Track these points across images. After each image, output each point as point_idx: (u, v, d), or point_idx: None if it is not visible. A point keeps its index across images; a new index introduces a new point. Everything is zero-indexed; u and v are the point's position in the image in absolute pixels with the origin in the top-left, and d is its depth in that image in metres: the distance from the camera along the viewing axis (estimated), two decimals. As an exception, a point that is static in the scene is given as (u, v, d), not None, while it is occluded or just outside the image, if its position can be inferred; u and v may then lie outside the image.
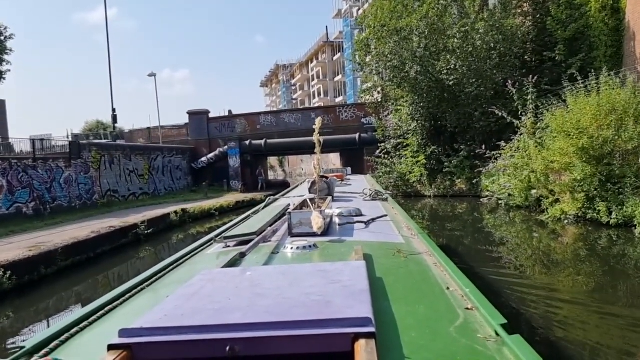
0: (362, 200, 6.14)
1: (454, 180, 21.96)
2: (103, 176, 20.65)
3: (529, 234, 13.59)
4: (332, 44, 66.93)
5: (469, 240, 13.33)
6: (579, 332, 6.10)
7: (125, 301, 2.38)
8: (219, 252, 3.50)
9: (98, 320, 2.11)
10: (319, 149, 4.03)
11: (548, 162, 13.84)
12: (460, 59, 19.70)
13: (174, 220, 17.54)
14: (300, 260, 2.91)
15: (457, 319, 1.90)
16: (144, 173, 24.52)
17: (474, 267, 9.07)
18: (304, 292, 1.84)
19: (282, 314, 1.60)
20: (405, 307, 2.01)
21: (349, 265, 2.30)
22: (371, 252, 2.96)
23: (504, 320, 1.78)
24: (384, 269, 2.60)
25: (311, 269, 2.25)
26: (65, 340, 1.87)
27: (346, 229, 3.93)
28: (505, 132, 19.87)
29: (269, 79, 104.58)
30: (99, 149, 20.66)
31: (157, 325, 1.58)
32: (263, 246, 3.30)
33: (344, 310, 1.60)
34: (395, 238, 3.68)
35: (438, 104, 22.06)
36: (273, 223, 4.11)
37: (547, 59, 19.78)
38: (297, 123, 30.42)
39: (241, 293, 1.90)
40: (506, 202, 16.92)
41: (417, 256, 3.04)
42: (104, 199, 20.42)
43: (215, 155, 29.92)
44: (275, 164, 69.76)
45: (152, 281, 2.77)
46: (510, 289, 7.63)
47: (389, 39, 21.21)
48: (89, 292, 10.41)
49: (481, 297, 2.07)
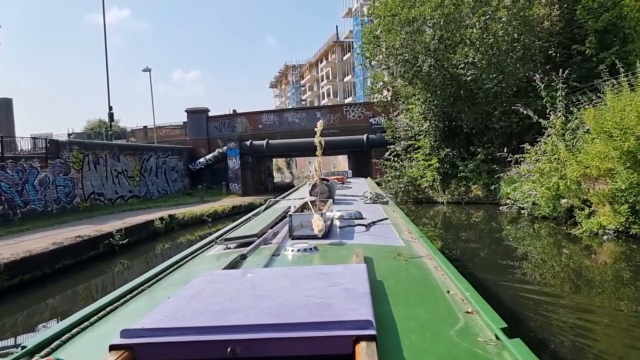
0: (362, 203, 6.11)
1: (470, 186, 20.33)
2: (86, 177, 18.91)
3: (557, 249, 11.95)
4: (342, 44, 66.30)
5: (485, 252, 12.06)
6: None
7: (127, 302, 2.37)
8: (220, 254, 3.50)
9: (99, 321, 2.11)
10: (320, 152, 4.06)
11: (584, 168, 11.91)
12: (480, 51, 17.75)
13: (158, 228, 15.81)
14: (301, 262, 2.93)
15: (458, 322, 1.91)
16: (135, 174, 22.77)
17: (491, 279, 8.40)
18: (305, 294, 1.85)
19: (283, 316, 1.61)
20: (405, 310, 2.03)
21: (350, 268, 2.33)
22: (371, 255, 2.97)
23: (504, 324, 1.79)
24: (384, 272, 2.63)
25: (312, 272, 2.25)
26: (66, 340, 1.88)
27: (347, 231, 3.94)
28: (527, 134, 18.18)
29: (278, 80, 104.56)
30: (82, 148, 18.90)
31: (158, 326, 1.58)
32: (264, 248, 3.31)
33: (345, 313, 1.62)
34: (395, 241, 3.69)
35: (453, 102, 20.16)
36: (274, 225, 4.10)
37: (575, 53, 17.85)
38: (302, 122, 28.75)
39: (242, 294, 1.91)
40: (530, 211, 15.08)
41: (418, 259, 3.05)
42: (87, 203, 18.73)
43: (214, 156, 28.22)
44: (282, 166, 68.47)
45: (153, 282, 2.75)
46: (534, 308, 6.89)
47: (399, 31, 19.28)
48: (29, 320, 8.63)
49: (481, 300, 2.07)
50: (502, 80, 18.03)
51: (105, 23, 28.10)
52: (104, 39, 26.39)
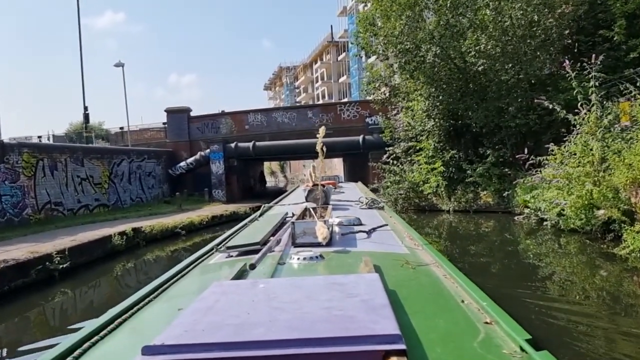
0: (358, 209, 6.04)
1: (478, 192, 18.26)
2: (40, 185, 16.37)
3: (590, 269, 10.02)
4: (337, 44, 65.35)
5: (497, 268, 10.65)
6: None
7: (133, 315, 2.30)
8: (222, 262, 3.46)
9: (109, 334, 2.06)
10: (322, 157, 4.29)
11: (637, 173, 9.62)
12: (493, 37, 15.42)
13: (118, 245, 13.35)
14: (308, 271, 2.92)
15: (479, 333, 1.88)
16: (102, 181, 20.23)
17: (507, 294, 7.48)
18: (322, 306, 1.81)
19: (305, 330, 1.57)
20: (424, 321, 1.98)
21: (364, 277, 2.27)
22: (379, 263, 2.89)
23: (528, 336, 1.75)
24: (395, 281, 2.56)
25: (324, 282, 2.21)
26: (78, 356, 1.84)
27: (348, 238, 3.89)
28: (545, 133, 16.04)
29: (272, 82, 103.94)
30: (35, 151, 16.32)
31: (179, 341, 1.54)
32: (268, 256, 3.23)
33: (370, 326, 1.58)
34: (399, 248, 3.66)
35: (460, 97, 17.85)
36: (275, 232, 4.08)
37: (600, 40, 15.62)
38: (292, 123, 26.49)
39: (259, 307, 1.86)
40: (554, 223, 12.83)
41: (425, 267, 3.01)
42: (40, 214, 16.24)
43: (196, 160, 25.79)
44: (276, 169, 66.58)
45: (158, 293, 2.66)
46: (563, 327, 6.33)
47: (399, 15, 16.95)
48: None
49: (500, 311, 2.03)
50: (520, 71, 15.71)
51: (79, 23, 26.12)
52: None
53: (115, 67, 25.65)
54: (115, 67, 25.65)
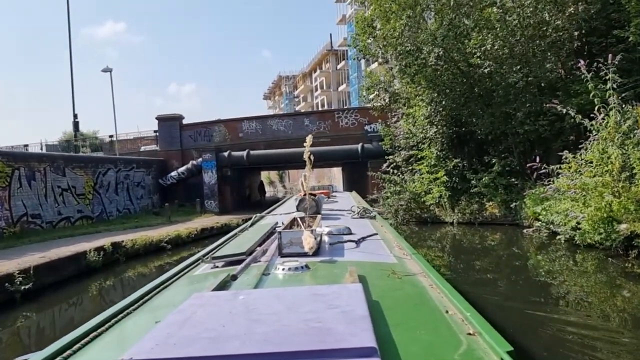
0: (350, 218, 6.00)
1: (484, 204, 17.35)
2: (16, 196, 15.26)
3: (610, 290, 9.09)
4: (336, 52, 64.94)
5: (504, 285, 9.91)
6: None
7: (111, 327, 2.23)
8: (207, 273, 3.40)
9: (82, 349, 1.98)
10: (310, 166, 4.20)
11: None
12: (499, 37, 14.43)
13: (93, 262, 12.24)
14: (292, 281, 2.87)
15: (461, 345, 1.86)
16: (86, 191, 19.15)
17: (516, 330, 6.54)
18: (302, 318, 1.80)
19: (281, 343, 1.55)
20: (406, 332, 1.96)
21: (346, 288, 2.25)
22: (365, 273, 2.89)
23: (510, 347, 1.73)
24: (379, 292, 2.54)
25: (306, 292, 2.18)
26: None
27: (336, 248, 3.87)
28: (555, 140, 15.09)
29: (271, 91, 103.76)
30: (10, 160, 15.24)
31: (149, 356, 1.51)
32: (253, 267, 3.21)
33: (347, 339, 1.57)
34: (387, 258, 3.64)
35: (464, 102, 16.89)
36: (262, 242, 4.04)
37: (614, 42, 14.66)
38: (288, 130, 25.52)
39: (236, 319, 1.84)
40: (569, 237, 11.84)
41: (412, 277, 2.98)
42: (15, 227, 15.14)
43: (187, 169, 24.75)
44: (275, 179, 65.74)
45: (139, 305, 2.59)
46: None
47: (400, 16, 16.00)
48: None
49: (483, 321, 2.02)
50: (529, 74, 14.72)
51: (70, 32, 25.33)
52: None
53: (103, 72, 24.71)
54: (103, 72, 24.71)
